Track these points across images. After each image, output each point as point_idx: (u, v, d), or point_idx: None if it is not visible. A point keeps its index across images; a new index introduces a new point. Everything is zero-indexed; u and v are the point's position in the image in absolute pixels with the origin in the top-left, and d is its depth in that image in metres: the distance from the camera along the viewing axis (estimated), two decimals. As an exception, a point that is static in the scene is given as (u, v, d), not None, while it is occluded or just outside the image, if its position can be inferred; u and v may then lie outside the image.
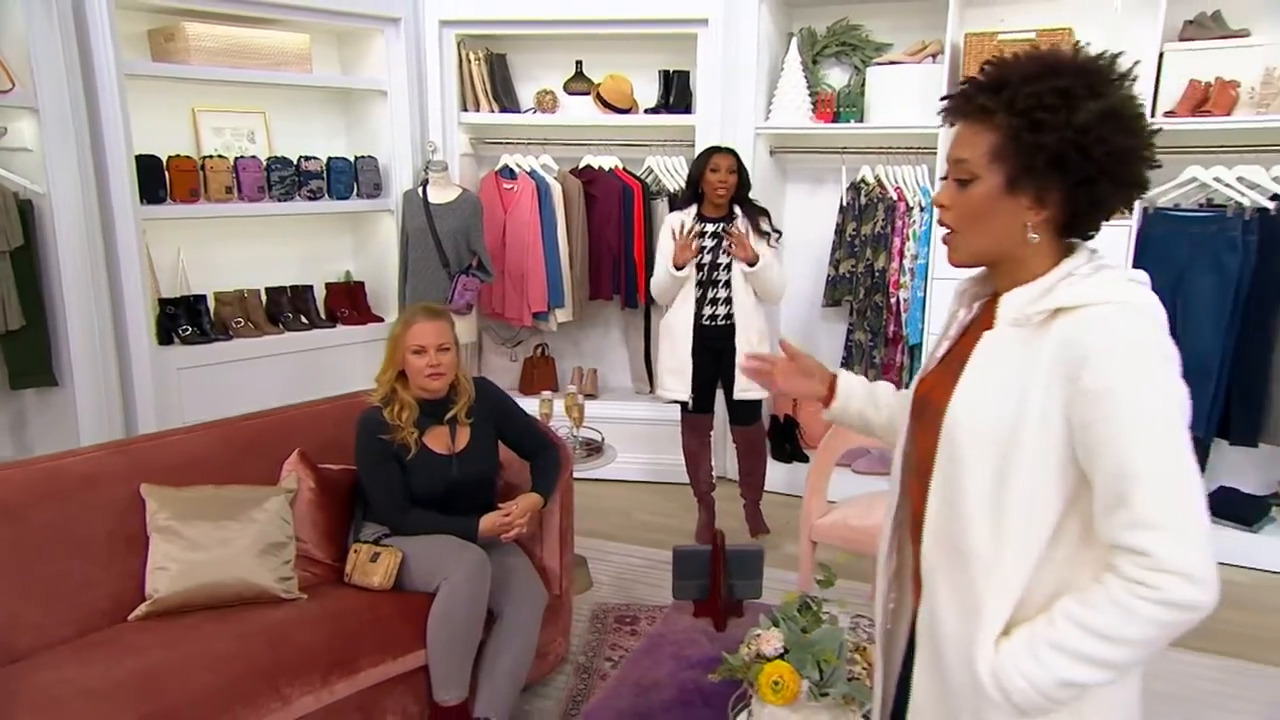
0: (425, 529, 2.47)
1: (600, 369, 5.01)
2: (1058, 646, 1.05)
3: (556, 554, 2.75)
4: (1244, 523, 3.66)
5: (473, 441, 2.58)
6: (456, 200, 4.18)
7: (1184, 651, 2.97)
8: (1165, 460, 1.00)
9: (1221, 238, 3.53)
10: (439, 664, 2.29)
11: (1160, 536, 0.99)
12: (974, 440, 1.12)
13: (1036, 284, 1.12)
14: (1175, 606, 0.99)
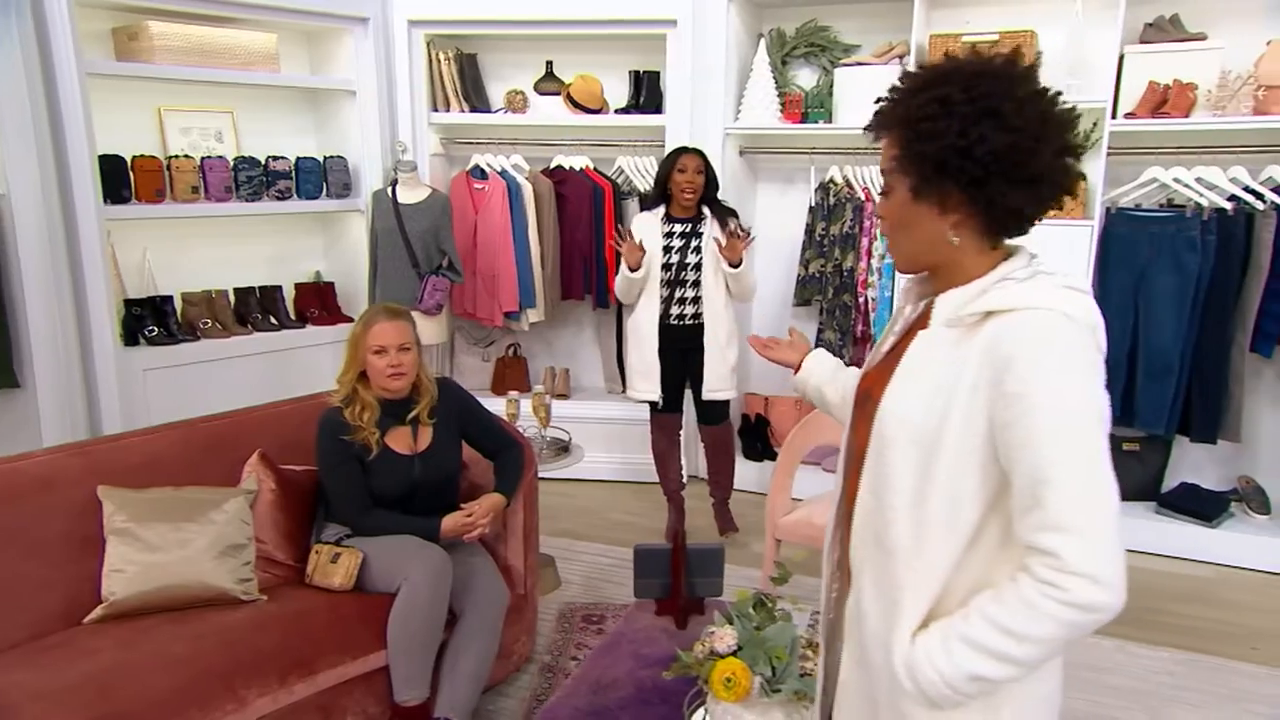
0: (387, 529, 2.47)
1: (573, 369, 5.02)
2: (968, 640, 1.08)
3: (521, 553, 2.76)
4: (1204, 518, 3.71)
5: (435, 441, 2.58)
6: (426, 200, 4.17)
7: (1143, 646, 3.01)
8: (1078, 465, 1.02)
9: (1181, 238, 3.58)
10: (399, 664, 2.29)
11: (1069, 539, 1.00)
12: (901, 436, 1.14)
13: (971, 287, 1.14)
14: (1079, 608, 1.00)
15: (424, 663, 2.32)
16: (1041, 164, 1.08)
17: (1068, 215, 3.73)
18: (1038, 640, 1.04)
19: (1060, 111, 1.10)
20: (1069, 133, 1.10)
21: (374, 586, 2.40)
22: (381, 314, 2.52)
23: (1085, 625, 1.02)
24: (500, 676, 2.71)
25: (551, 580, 3.42)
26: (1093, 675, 2.85)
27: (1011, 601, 1.05)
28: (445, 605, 2.37)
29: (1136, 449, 3.92)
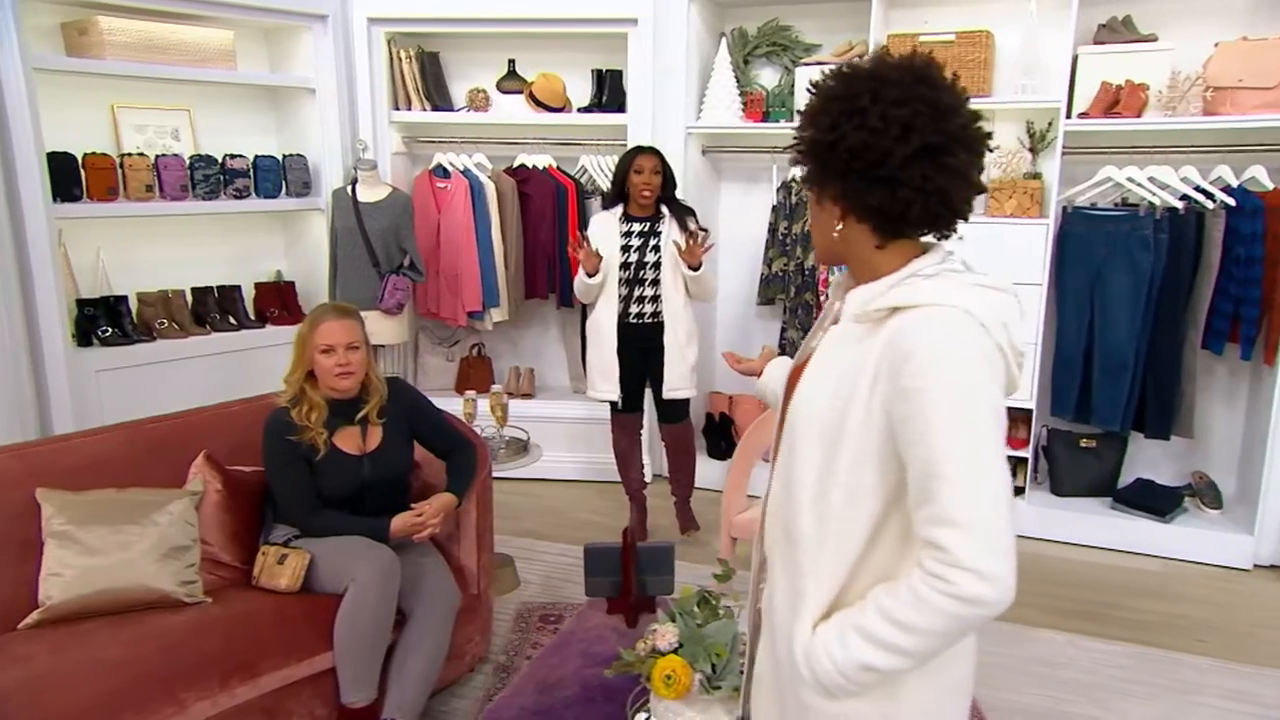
0: (335, 530, 2.45)
1: (538, 368, 5.01)
2: (861, 631, 1.09)
3: (474, 553, 2.74)
4: (1158, 513, 3.75)
5: (385, 441, 2.56)
6: (386, 199, 4.14)
7: (1095, 640, 3.04)
8: (968, 461, 1.02)
9: (1135, 237, 3.62)
10: (346, 665, 2.28)
11: (956, 533, 1.01)
12: (807, 429, 1.15)
13: (878, 283, 1.15)
14: (964, 601, 1.01)
15: (371, 664, 2.30)
16: (894, 165, 1.09)
17: (1024, 214, 3.77)
18: (925, 632, 1.04)
19: (928, 119, 1.08)
20: (948, 139, 1.09)
21: (322, 587, 2.38)
22: (329, 313, 2.50)
23: (971, 619, 1.02)
24: (453, 677, 2.70)
25: (511, 580, 3.41)
26: (1046, 670, 2.87)
27: (902, 593, 1.06)
28: (393, 605, 2.35)
29: (1094, 446, 3.96)
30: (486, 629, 2.85)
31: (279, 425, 2.45)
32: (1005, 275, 1.19)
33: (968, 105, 1.13)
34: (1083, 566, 3.64)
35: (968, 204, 1.15)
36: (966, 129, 1.11)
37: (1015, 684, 2.79)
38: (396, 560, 2.37)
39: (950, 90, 1.11)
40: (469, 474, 2.67)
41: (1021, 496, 3.97)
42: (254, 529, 2.53)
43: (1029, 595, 3.39)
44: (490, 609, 2.87)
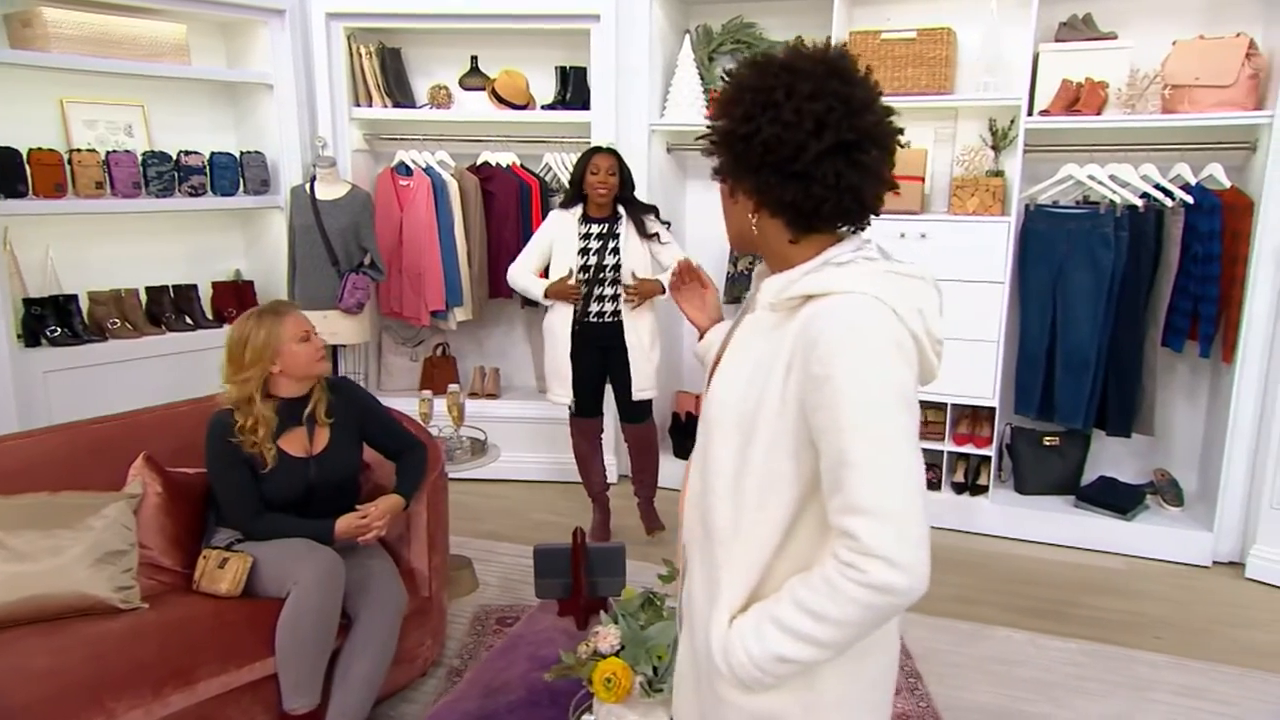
0: (279, 533, 2.40)
1: (503, 368, 4.96)
2: (776, 622, 1.07)
3: (425, 555, 2.70)
4: (1120, 511, 3.76)
5: (332, 442, 2.52)
6: (345, 197, 4.09)
7: (1053, 638, 3.05)
8: (877, 448, 1.01)
9: (1096, 234, 3.63)
10: (288, 671, 2.23)
11: (865, 521, 1.00)
12: (723, 418, 1.13)
13: (792, 271, 1.14)
14: (875, 589, 1.00)
15: (314, 669, 2.26)
16: (808, 160, 1.07)
17: (986, 212, 3.77)
18: (838, 622, 1.03)
19: (841, 114, 1.06)
20: (861, 136, 1.07)
21: (265, 591, 2.33)
22: (284, 305, 2.48)
23: (884, 608, 1.01)
24: (403, 681, 2.66)
25: (469, 582, 3.37)
26: (1003, 669, 2.87)
27: (816, 583, 1.04)
28: (337, 609, 2.31)
29: (1057, 443, 3.97)
30: (440, 632, 2.81)
31: (223, 427, 2.40)
32: (967, 272, 1.19)
33: (880, 101, 1.11)
34: (1045, 565, 3.64)
35: (879, 200, 1.13)
36: (879, 125, 1.10)
37: (972, 683, 2.79)
38: (340, 562, 2.33)
39: (864, 85, 1.10)
40: (418, 475, 2.63)
41: (985, 495, 3.98)
42: (196, 532, 2.48)
43: (990, 594, 3.44)
44: (444, 612, 2.83)
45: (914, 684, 2.78)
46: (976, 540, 3.90)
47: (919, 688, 2.76)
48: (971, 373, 3.86)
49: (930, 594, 1.09)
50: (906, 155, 3.91)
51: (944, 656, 2.94)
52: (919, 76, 3.76)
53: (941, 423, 4.03)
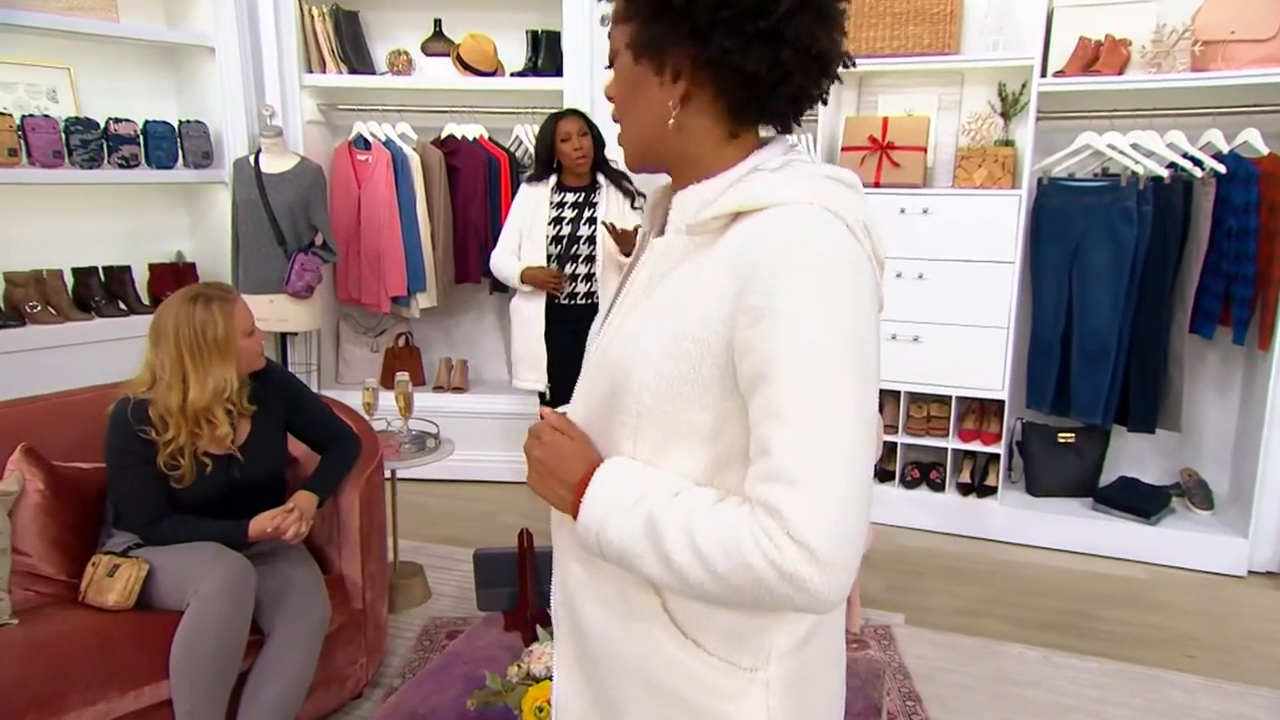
0: (184, 536, 2.16)
1: (472, 359, 4.72)
2: (652, 525, 0.87)
3: (357, 562, 2.46)
4: (1143, 515, 3.52)
5: (256, 433, 2.28)
6: (293, 169, 3.86)
7: (1070, 655, 2.82)
8: (821, 404, 0.81)
9: (1116, 209, 3.40)
10: (184, 696, 1.98)
11: (794, 496, 0.80)
12: (628, 363, 0.92)
13: (712, 182, 0.93)
14: (783, 577, 0.81)
15: (215, 693, 2.01)
16: (779, 14, 0.85)
17: (995, 185, 3.53)
18: (719, 578, 0.84)
19: None
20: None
21: (162, 604, 2.09)
22: (228, 291, 2.25)
23: (781, 598, 0.82)
24: (333, 705, 2.41)
25: (419, 592, 3.13)
26: (1014, 690, 2.64)
27: (721, 524, 0.84)
28: (244, 623, 2.06)
29: (1073, 440, 3.73)
30: (377, 648, 2.57)
31: (133, 419, 2.13)
32: (974, 251, 1.00)
33: None
34: (1059, 573, 3.41)
35: (828, 83, 0.94)
36: None
37: (979, 706, 2.55)
38: (249, 569, 2.09)
39: None
40: (339, 469, 2.40)
41: (994, 497, 3.75)
42: (87, 536, 2.24)
43: (998, 606, 3.20)
44: (382, 626, 2.59)
45: (912, 708, 2.54)
46: (983, 546, 3.67)
47: (918, 712, 2.52)
48: (979, 362, 3.62)
49: (932, 606, 0.93)
50: (907, 124, 3.67)
51: (947, 676, 2.70)
52: (920, 35, 3.51)
53: (946, 418, 3.79)
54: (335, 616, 2.31)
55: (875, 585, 3.26)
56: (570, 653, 1.04)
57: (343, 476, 2.40)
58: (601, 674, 1.00)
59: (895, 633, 2.94)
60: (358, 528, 2.45)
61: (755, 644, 0.94)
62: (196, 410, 2.11)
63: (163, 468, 2.11)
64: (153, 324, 2.18)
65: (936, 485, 3.84)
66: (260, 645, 2.13)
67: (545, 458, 0.98)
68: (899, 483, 3.89)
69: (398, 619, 2.96)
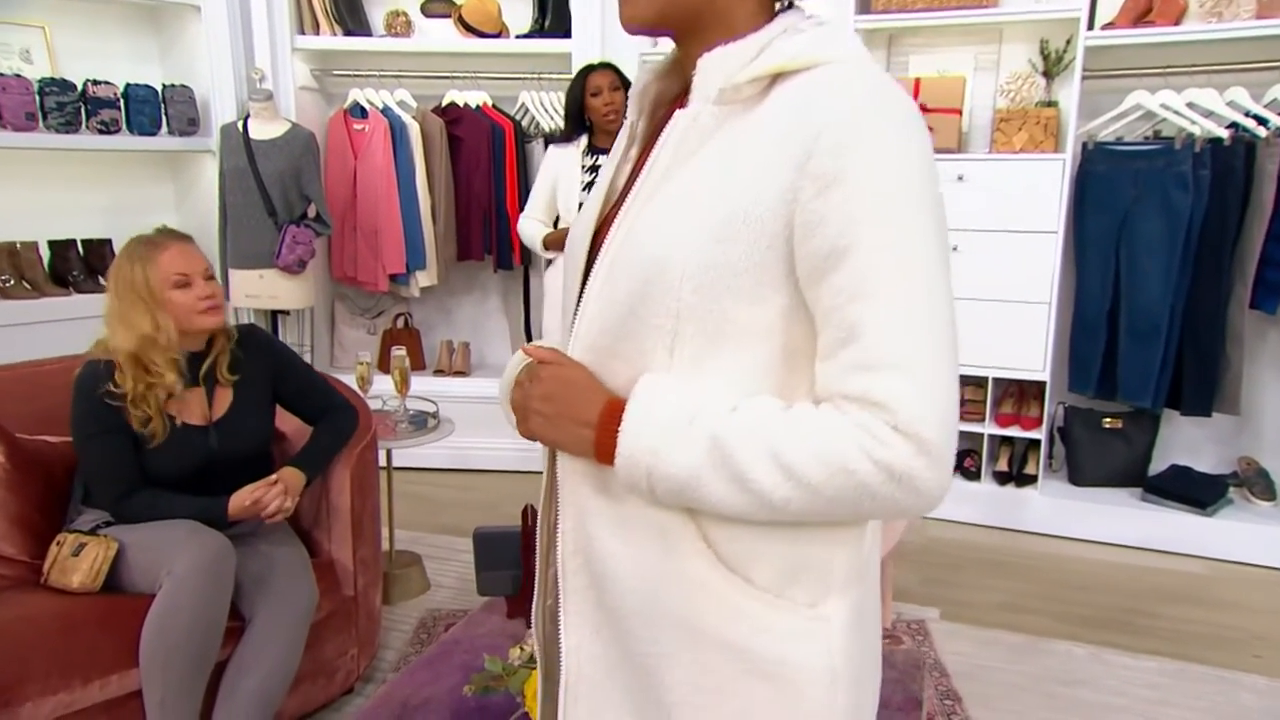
0: (158, 513, 2.05)
1: (475, 342, 4.62)
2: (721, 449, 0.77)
3: (348, 545, 2.35)
4: (1198, 505, 3.38)
5: (237, 405, 2.17)
6: (284, 136, 3.76)
7: (1124, 654, 2.69)
8: (913, 276, 0.76)
9: (1170, 173, 3.26)
10: (155, 687, 1.87)
11: (898, 381, 0.74)
12: (663, 264, 0.81)
13: (744, 42, 0.84)
14: (892, 478, 0.74)
15: (189, 683, 1.90)
16: None
17: (1036, 149, 3.40)
18: (815, 492, 0.76)
19: None
20: None
21: (132, 585, 1.98)
22: (166, 237, 2.12)
23: (886, 504, 0.76)
24: (321, 700, 2.30)
25: (417, 583, 3.02)
26: (1064, 690, 2.51)
27: (808, 429, 0.77)
28: (223, 606, 1.95)
29: (1119, 426, 3.60)
30: (370, 640, 2.46)
31: (96, 381, 2.02)
32: (1013, 221, 1.04)
33: None
34: (1108, 568, 3.27)
35: None
36: None
37: (1026, 707, 2.43)
38: (229, 548, 1.98)
39: None
40: (331, 444, 2.29)
41: (1034, 487, 3.62)
42: (53, 514, 2.13)
43: (1041, 601, 3.06)
44: (375, 615, 2.48)
45: (951, 708, 2.42)
46: (1022, 539, 3.54)
47: (958, 711, 2.40)
48: (1018, 341, 3.49)
49: (970, 601, 0.88)
50: (941, 84, 3.55)
51: (989, 675, 2.58)
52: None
53: (982, 401, 3.67)
54: (324, 603, 2.20)
55: (907, 579, 3.13)
56: (586, 609, 0.92)
57: (335, 452, 2.30)
58: (628, 629, 0.89)
59: (930, 628, 2.82)
60: (349, 508, 2.34)
61: (814, 575, 0.86)
62: (134, 355, 2.02)
63: (134, 426, 2.01)
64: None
65: (971, 474, 3.71)
66: (240, 632, 2.02)
67: (551, 395, 0.87)
68: (931, 472, 3.76)
69: (393, 611, 2.86)
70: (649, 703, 0.88)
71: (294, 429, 2.44)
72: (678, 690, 0.86)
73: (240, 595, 2.04)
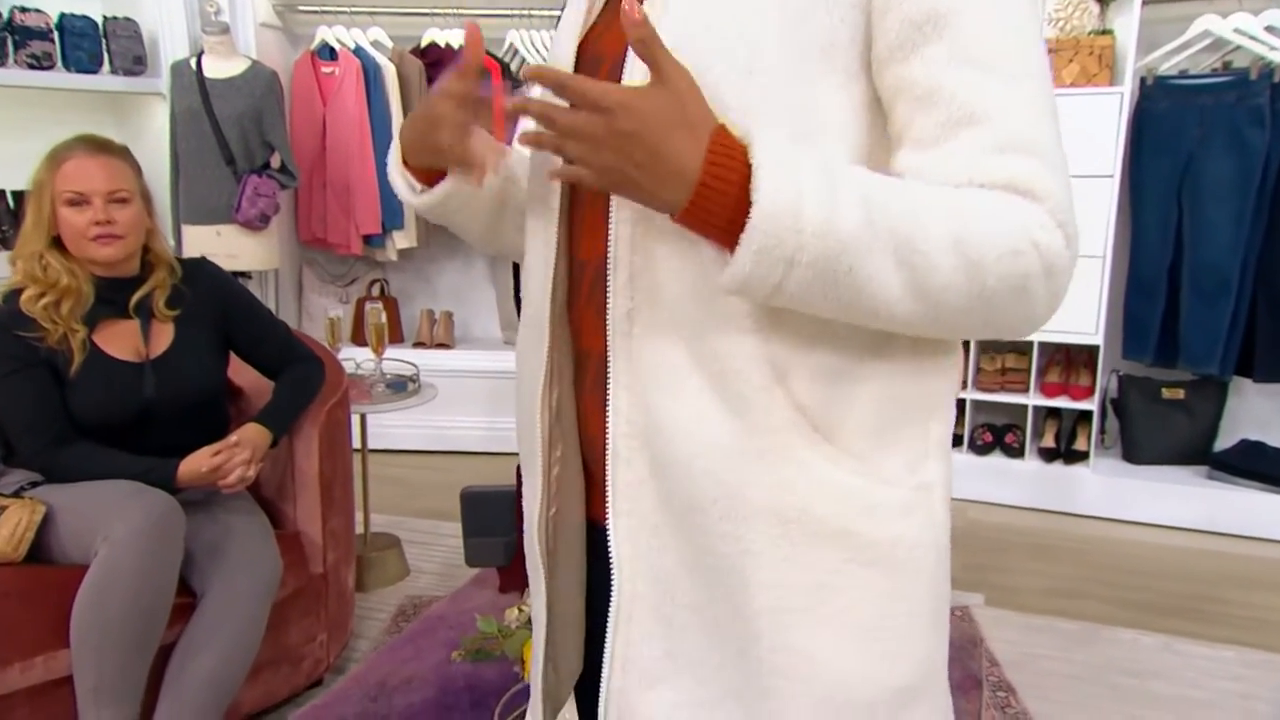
0: (95, 470, 1.92)
1: (459, 313, 4.51)
2: (870, 204, 0.67)
3: (317, 516, 2.21)
4: (1274, 483, 3.28)
5: (179, 344, 2.04)
6: (243, 74, 3.63)
7: (1198, 643, 2.60)
8: (1029, 55, 0.72)
9: (1242, 108, 3.16)
10: (88, 669, 1.74)
11: (1038, 167, 0.70)
12: (730, 54, 0.73)
13: None
14: (1047, 271, 0.71)
15: (129, 666, 1.76)
16: None
17: (1089, 83, 3.27)
18: (978, 277, 0.69)
19: None
20: None
21: (63, 554, 1.85)
22: (78, 146, 1.97)
23: (1026, 309, 0.73)
24: (285, 692, 2.16)
25: (395, 567, 2.90)
26: (1131, 681, 2.40)
27: (970, 200, 0.70)
28: (170, 577, 1.82)
29: (1181, 397, 3.49)
30: (342, 625, 2.32)
31: (6, 316, 1.92)
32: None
33: None
34: (1172, 552, 3.17)
35: None
36: None
37: (1087, 699, 2.33)
38: (176, 510, 1.84)
39: None
40: (297, 397, 2.18)
41: (1085, 464, 3.52)
42: (-29, 474, 2.00)
43: (1098, 587, 2.92)
44: (348, 597, 2.34)
45: (1005, 700, 2.30)
46: (1072, 522, 3.44)
47: (1012, 704, 2.28)
48: (1067, 302, 3.26)
49: (1017, 586, 0.97)
50: (983, 12, 3.42)
51: (1043, 664, 2.47)
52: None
53: (1025, 370, 3.56)
54: (289, 580, 2.07)
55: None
56: (643, 507, 0.81)
57: (302, 408, 2.18)
58: (700, 527, 0.78)
59: (975, 614, 2.70)
60: (317, 474, 2.21)
61: (914, 438, 0.81)
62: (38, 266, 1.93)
63: (49, 345, 1.90)
64: None
65: (1013, 451, 3.60)
66: (191, 610, 1.89)
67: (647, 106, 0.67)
68: (968, 448, 3.67)
69: (368, 598, 2.73)
70: (726, 616, 0.78)
71: (252, 384, 2.31)
72: (765, 595, 0.76)
73: (191, 567, 1.91)
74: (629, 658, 0.82)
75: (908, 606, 0.80)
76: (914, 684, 0.81)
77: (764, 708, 0.78)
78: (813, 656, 0.77)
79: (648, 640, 0.81)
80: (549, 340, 0.86)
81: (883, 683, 0.79)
